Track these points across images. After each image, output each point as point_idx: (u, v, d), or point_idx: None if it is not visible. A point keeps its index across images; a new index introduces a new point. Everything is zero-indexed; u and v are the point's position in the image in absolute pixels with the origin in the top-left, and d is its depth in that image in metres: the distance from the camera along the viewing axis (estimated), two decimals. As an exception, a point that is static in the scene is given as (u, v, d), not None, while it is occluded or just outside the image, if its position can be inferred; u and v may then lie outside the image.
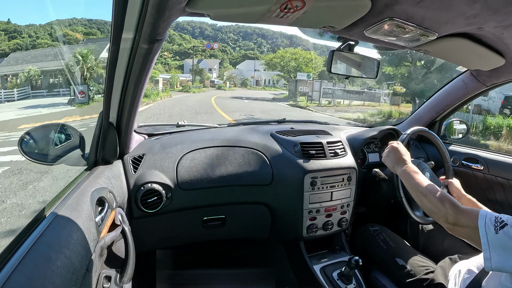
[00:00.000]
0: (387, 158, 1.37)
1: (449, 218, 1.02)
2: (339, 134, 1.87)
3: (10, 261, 0.65)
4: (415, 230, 1.73)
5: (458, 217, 1.00)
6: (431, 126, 2.07)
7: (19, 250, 0.69)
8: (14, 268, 0.63)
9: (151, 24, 0.80)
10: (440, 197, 1.07)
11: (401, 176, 1.28)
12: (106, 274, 1.02)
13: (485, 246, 0.90)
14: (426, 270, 1.38)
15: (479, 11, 0.90)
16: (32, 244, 0.71)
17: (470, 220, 0.96)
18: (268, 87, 60.99)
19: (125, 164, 1.41)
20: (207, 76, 56.14)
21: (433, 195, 1.09)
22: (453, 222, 1.01)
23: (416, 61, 16.09)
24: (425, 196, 1.12)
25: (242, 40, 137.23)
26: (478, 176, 1.85)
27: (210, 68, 62.68)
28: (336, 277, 1.59)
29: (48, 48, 37.58)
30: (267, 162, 1.60)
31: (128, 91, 1.08)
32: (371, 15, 0.95)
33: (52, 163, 1.21)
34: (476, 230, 0.92)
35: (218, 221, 1.62)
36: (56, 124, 1.18)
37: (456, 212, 1.01)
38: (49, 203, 0.92)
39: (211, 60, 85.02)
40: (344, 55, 1.27)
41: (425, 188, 1.14)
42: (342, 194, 1.66)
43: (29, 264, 0.65)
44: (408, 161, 1.29)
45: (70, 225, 0.81)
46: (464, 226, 0.98)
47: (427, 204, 1.11)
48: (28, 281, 0.62)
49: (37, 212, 0.87)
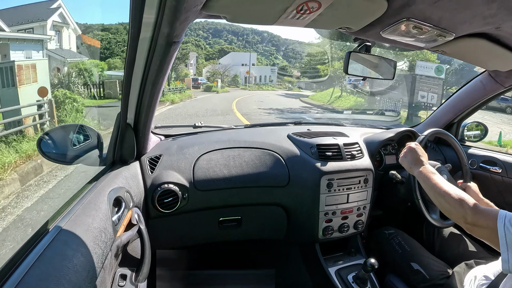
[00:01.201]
0: (404, 159, 1.35)
1: (467, 218, 1.00)
2: (356, 135, 1.85)
3: (28, 257, 0.67)
4: (431, 233, 1.70)
5: (477, 218, 0.98)
6: (448, 128, 2.04)
7: (37, 246, 0.71)
8: (32, 264, 0.65)
9: (168, 27, 0.81)
10: (459, 197, 1.05)
11: (418, 177, 1.26)
12: (122, 272, 1.04)
13: (504, 248, 0.88)
14: (441, 275, 1.36)
15: (496, 11, 0.89)
16: (50, 241, 0.72)
17: (490, 221, 0.94)
18: (266, 86, 49.78)
19: (142, 164, 1.43)
20: (184, 72, 38.94)
21: (452, 195, 1.07)
22: (471, 223, 0.99)
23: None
24: (443, 196, 1.10)
25: (212, 37, 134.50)
26: (496, 179, 1.81)
27: (186, 64, 45.32)
28: (351, 280, 1.57)
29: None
30: (283, 163, 1.60)
31: (145, 93, 1.10)
32: (387, 16, 0.94)
33: (70, 163, 1.23)
34: (495, 231, 0.91)
35: (234, 222, 1.63)
36: (75, 124, 1.20)
37: (475, 212, 0.99)
38: (67, 201, 0.94)
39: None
40: (361, 56, 1.26)
41: (443, 189, 1.12)
42: (359, 196, 1.65)
43: (46, 261, 0.67)
44: (425, 162, 1.28)
45: (87, 224, 0.83)
46: (483, 227, 0.96)
47: (445, 204, 1.09)
48: (44, 277, 0.63)
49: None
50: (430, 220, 1.48)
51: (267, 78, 55.76)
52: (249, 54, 62.59)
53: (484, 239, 0.99)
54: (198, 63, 58.50)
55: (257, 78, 53.41)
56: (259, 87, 46.89)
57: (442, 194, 1.11)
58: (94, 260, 0.77)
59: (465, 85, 1.89)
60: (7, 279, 0.61)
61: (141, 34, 0.86)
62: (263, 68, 62.25)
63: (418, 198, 1.49)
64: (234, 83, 46.28)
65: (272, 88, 48.34)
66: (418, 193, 1.49)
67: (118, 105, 1.23)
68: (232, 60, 52.59)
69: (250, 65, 53.09)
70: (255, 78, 51.95)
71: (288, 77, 57.94)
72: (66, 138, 1.20)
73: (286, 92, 41.17)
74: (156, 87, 1.09)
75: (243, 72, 49.34)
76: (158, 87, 1.10)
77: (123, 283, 1.01)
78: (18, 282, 0.60)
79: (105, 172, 1.22)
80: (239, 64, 52.12)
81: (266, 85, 50.95)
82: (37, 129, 8.00)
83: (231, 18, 0.92)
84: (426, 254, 1.51)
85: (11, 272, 0.63)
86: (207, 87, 34.36)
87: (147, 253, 1.10)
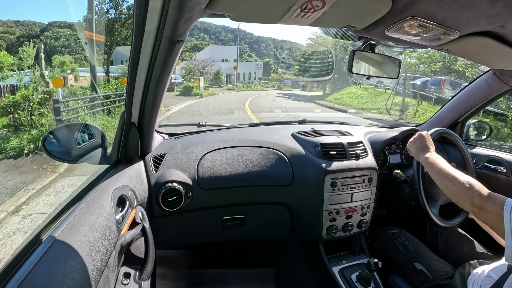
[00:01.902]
0: (413, 143, 1.36)
1: (475, 201, 1.00)
2: (360, 134, 1.85)
3: (32, 255, 0.68)
4: (434, 233, 1.69)
5: (485, 201, 0.98)
6: (453, 127, 2.03)
7: (41, 245, 0.71)
8: (36, 262, 0.65)
9: (172, 25, 0.81)
10: (467, 179, 1.06)
11: (425, 163, 1.26)
12: (126, 271, 1.04)
13: (508, 235, 0.88)
14: (444, 275, 1.35)
15: (500, 10, 0.88)
16: (54, 239, 0.73)
17: (497, 206, 0.94)
18: (254, 85, 42.51)
19: (147, 163, 1.44)
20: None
21: (459, 178, 1.08)
22: (478, 206, 0.99)
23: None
24: (451, 180, 1.10)
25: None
26: (501, 178, 1.80)
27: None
28: (355, 279, 1.57)
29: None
30: (287, 162, 1.60)
31: (149, 92, 1.10)
32: (392, 15, 0.94)
33: (74, 161, 1.24)
34: (501, 217, 0.91)
35: (238, 221, 1.64)
36: (79, 123, 1.20)
37: (483, 196, 0.99)
38: (71, 200, 0.94)
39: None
40: (365, 54, 1.26)
41: (450, 172, 1.12)
42: (363, 195, 1.65)
43: (50, 259, 0.67)
44: (432, 150, 1.27)
45: (91, 222, 0.83)
46: (489, 212, 0.96)
47: (452, 188, 1.09)
48: (49, 275, 0.64)
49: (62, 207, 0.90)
50: (434, 220, 1.47)
51: (251, 75, 50.96)
52: (233, 47, 56.01)
53: (489, 225, 0.99)
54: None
55: (241, 75, 48.38)
56: (247, 87, 39.63)
57: (450, 178, 1.11)
58: (98, 258, 0.77)
59: (469, 84, 1.88)
60: (11, 278, 0.61)
61: (145, 33, 0.87)
62: (247, 64, 56.35)
63: (420, 186, 1.49)
64: (217, 82, 39.02)
65: (262, 87, 41.39)
66: (421, 180, 1.49)
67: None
68: (211, 55, 42.75)
69: (237, 60, 46.84)
70: (238, 76, 45.71)
71: (274, 74, 54.42)
72: (71, 137, 1.21)
73: (285, 92, 34.23)
74: (161, 86, 1.09)
75: (225, 69, 42.85)
76: (162, 86, 1.10)
77: (127, 281, 1.01)
78: (22, 281, 0.60)
79: (109, 170, 1.22)
80: (219, 60, 45.51)
81: (254, 84, 44.79)
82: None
83: (235, 17, 0.92)
84: (429, 254, 1.51)
85: (15, 270, 0.63)
86: (185, 89, 24.01)
87: (151, 251, 1.11)
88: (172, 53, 0.94)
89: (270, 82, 49.39)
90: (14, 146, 6.76)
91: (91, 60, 11.57)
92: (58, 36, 57.92)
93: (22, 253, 0.68)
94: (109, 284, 0.86)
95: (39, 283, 0.61)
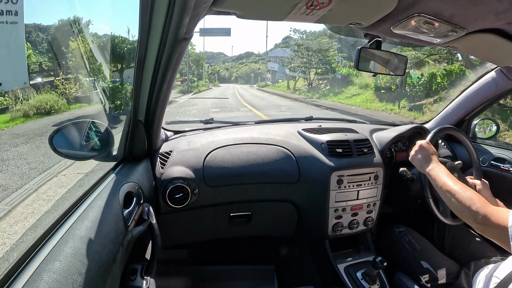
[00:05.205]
0: (415, 157, 1.35)
1: (478, 218, 0.99)
2: (367, 132, 1.85)
3: (40, 251, 0.69)
4: (441, 232, 1.69)
5: (488, 217, 0.97)
6: (459, 125, 2.01)
7: (49, 241, 0.72)
8: (44, 259, 0.66)
9: (178, 23, 0.82)
10: (470, 196, 1.05)
11: (429, 176, 1.25)
12: (132, 267, 1.05)
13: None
14: (451, 274, 1.35)
15: (509, 6, 0.88)
16: (62, 236, 0.74)
17: (501, 221, 0.93)
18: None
19: (153, 160, 1.45)
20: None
21: (462, 194, 1.07)
22: (482, 222, 0.98)
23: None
24: (454, 195, 1.09)
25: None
26: (507, 177, 1.78)
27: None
28: (360, 277, 1.57)
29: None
30: (294, 160, 1.60)
31: (156, 89, 1.11)
32: (398, 11, 0.94)
33: (82, 159, 1.25)
34: (506, 231, 0.90)
35: (244, 218, 1.64)
36: (86, 121, 1.21)
37: (486, 212, 0.98)
38: (79, 197, 0.95)
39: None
40: (371, 52, 1.25)
41: (453, 187, 1.11)
42: (369, 193, 1.64)
43: (58, 255, 0.68)
44: (436, 160, 1.27)
45: (99, 219, 0.84)
46: (494, 227, 0.95)
47: (455, 203, 1.08)
48: (57, 271, 0.64)
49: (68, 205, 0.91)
50: (440, 218, 1.46)
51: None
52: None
53: (495, 239, 0.98)
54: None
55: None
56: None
57: (453, 193, 1.10)
58: (106, 254, 0.78)
59: (476, 82, 1.86)
60: (19, 274, 0.62)
61: (151, 31, 0.87)
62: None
63: (429, 197, 1.48)
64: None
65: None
66: (429, 192, 1.48)
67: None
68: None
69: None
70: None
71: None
72: (77, 134, 1.21)
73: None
74: (167, 83, 1.10)
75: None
76: (169, 84, 1.11)
77: (133, 277, 1.02)
78: (30, 276, 0.61)
79: (116, 167, 1.23)
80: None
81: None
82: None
83: (241, 14, 0.92)
84: (436, 253, 1.50)
85: (24, 266, 0.64)
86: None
87: (157, 248, 1.12)
88: (178, 50, 0.95)
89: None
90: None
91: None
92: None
93: (31, 249, 0.69)
94: (117, 280, 0.86)
95: (48, 279, 0.62)
